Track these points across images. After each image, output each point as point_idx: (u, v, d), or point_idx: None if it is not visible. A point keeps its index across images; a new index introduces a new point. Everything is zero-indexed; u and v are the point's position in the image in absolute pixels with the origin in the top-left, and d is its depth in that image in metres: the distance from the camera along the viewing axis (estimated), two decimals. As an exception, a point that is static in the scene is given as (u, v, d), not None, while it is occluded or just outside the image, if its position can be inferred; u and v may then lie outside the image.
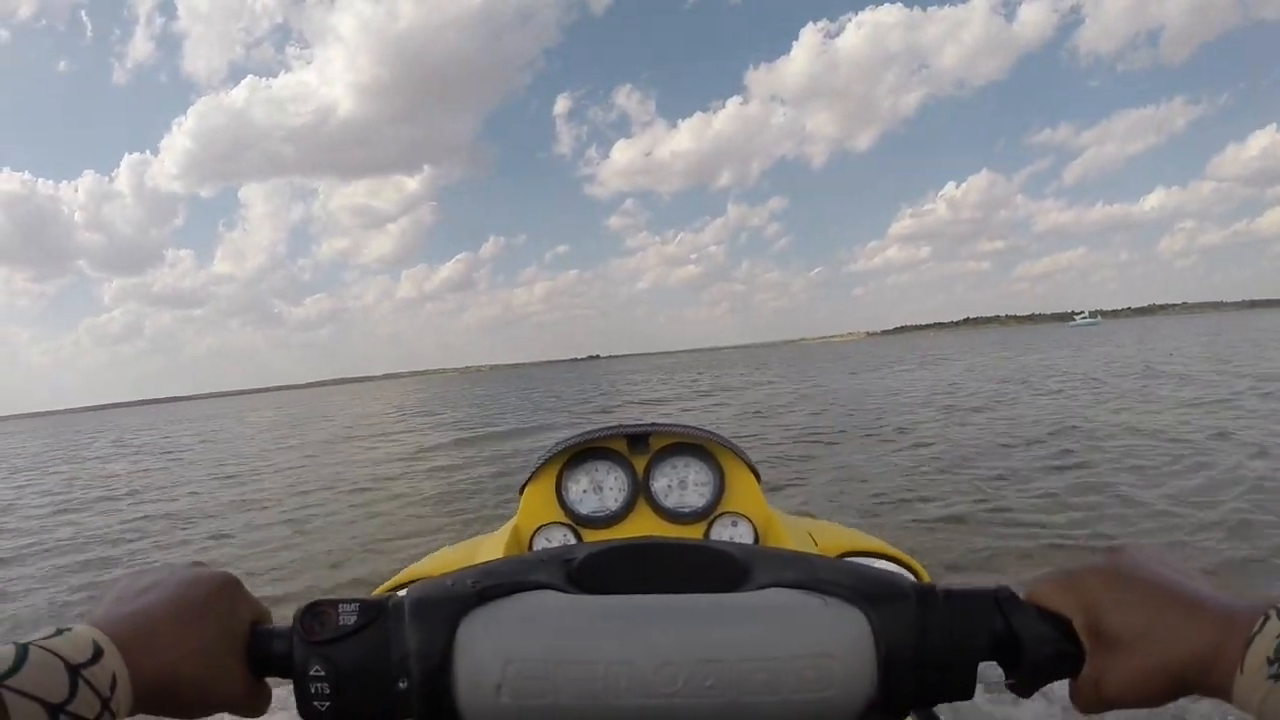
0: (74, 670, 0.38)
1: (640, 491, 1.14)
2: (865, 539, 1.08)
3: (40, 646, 0.38)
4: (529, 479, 1.16)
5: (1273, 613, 0.38)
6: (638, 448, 1.16)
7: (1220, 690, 0.39)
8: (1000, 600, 0.47)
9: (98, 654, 0.39)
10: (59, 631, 0.39)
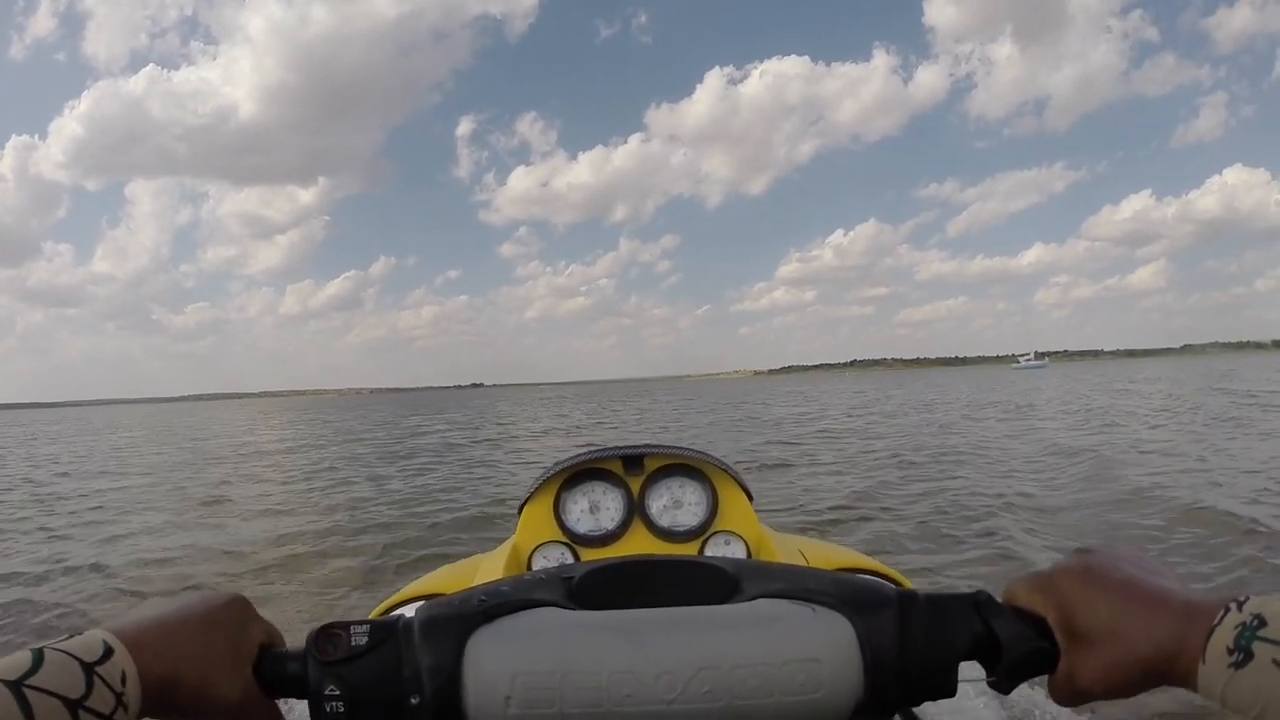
0: (89, 668, 0.39)
1: (636, 511, 1.16)
2: (854, 555, 1.12)
3: (55, 649, 0.40)
4: (527, 499, 1.18)
5: (1233, 605, 0.40)
6: (633, 469, 1.17)
7: (1185, 680, 0.41)
8: (978, 603, 0.50)
9: (108, 652, 0.41)
10: (71, 636, 0.42)
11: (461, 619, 0.48)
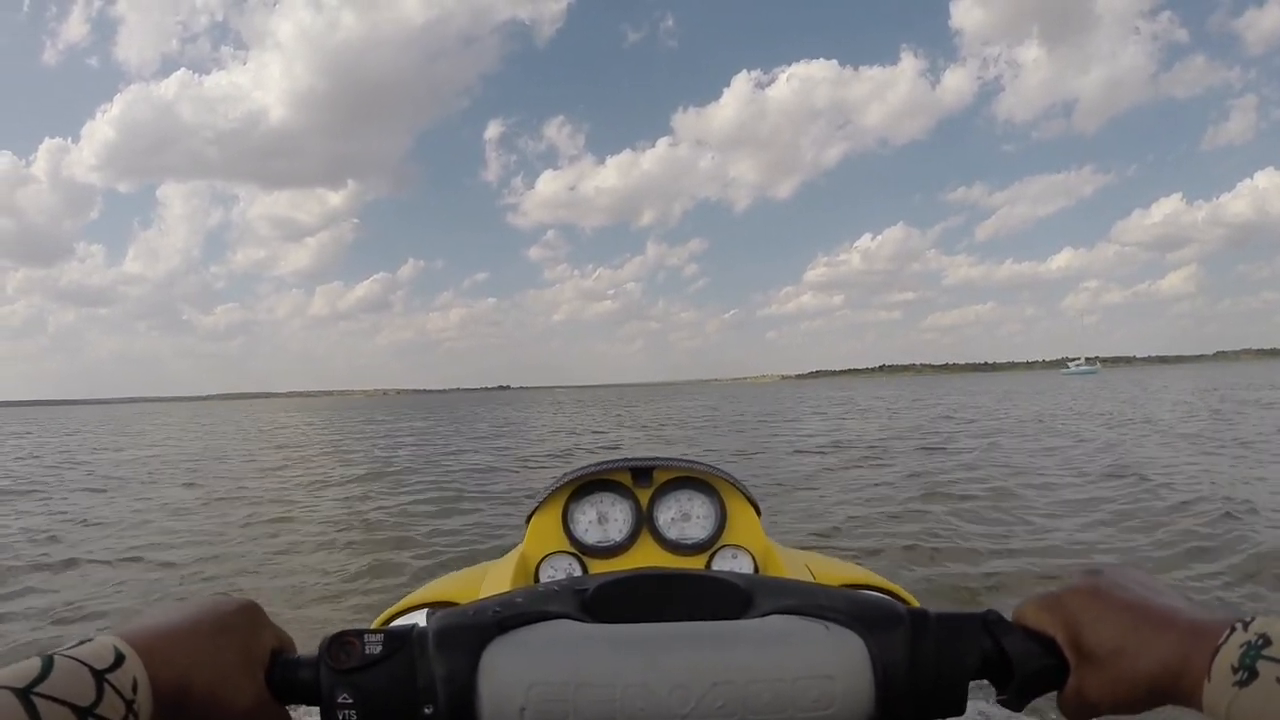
0: (99, 675, 0.39)
1: (644, 523, 1.15)
2: (861, 572, 1.13)
3: (65, 655, 0.39)
4: (535, 509, 1.18)
5: (1238, 624, 0.41)
6: (642, 481, 1.17)
7: (1191, 698, 0.41)
8: (988, 622, 0.51)
9: (120, 660, 0.40)
10: (82, 642, 0.41)
11: (477, 629, 0.48)
